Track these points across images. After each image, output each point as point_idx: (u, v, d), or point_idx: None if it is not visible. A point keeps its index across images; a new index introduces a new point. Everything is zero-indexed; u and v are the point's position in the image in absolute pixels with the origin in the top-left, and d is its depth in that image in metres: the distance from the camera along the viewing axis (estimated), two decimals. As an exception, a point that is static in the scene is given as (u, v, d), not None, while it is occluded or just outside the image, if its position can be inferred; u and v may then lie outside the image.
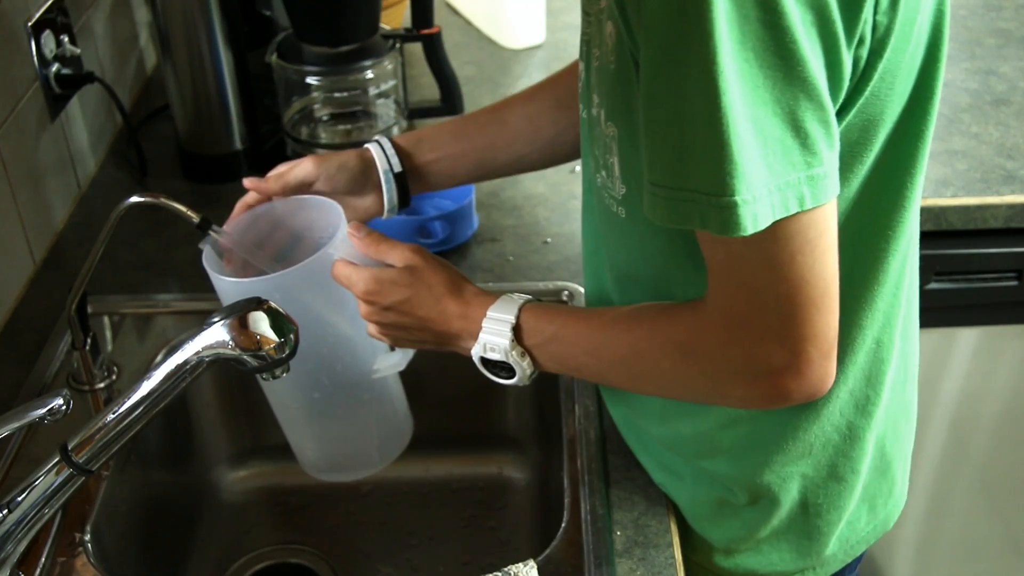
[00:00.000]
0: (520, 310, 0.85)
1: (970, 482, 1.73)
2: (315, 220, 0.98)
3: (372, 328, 0.92)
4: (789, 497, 0.91)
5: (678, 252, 0.80)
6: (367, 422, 1.04)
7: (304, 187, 0.99)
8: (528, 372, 0.86)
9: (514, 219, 1.36)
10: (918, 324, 0.95)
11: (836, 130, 0.66)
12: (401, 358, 0.98)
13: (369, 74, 1.39)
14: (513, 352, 0.84)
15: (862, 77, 0.68)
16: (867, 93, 0.70)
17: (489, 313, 0.86)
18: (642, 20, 0.64)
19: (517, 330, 0.85)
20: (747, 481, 0.91)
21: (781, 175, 0.64)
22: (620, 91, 0.74)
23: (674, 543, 0.93)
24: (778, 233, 0.66)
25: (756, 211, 0.64)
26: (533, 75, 1.72)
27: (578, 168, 1.46)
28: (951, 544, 1.83)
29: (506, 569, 0.89)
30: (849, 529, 0.96)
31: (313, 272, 0.90)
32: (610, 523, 0.95)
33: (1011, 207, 1.37)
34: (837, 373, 0.78)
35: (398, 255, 0.89)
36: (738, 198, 0.63)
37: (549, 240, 1.31)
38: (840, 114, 0.69)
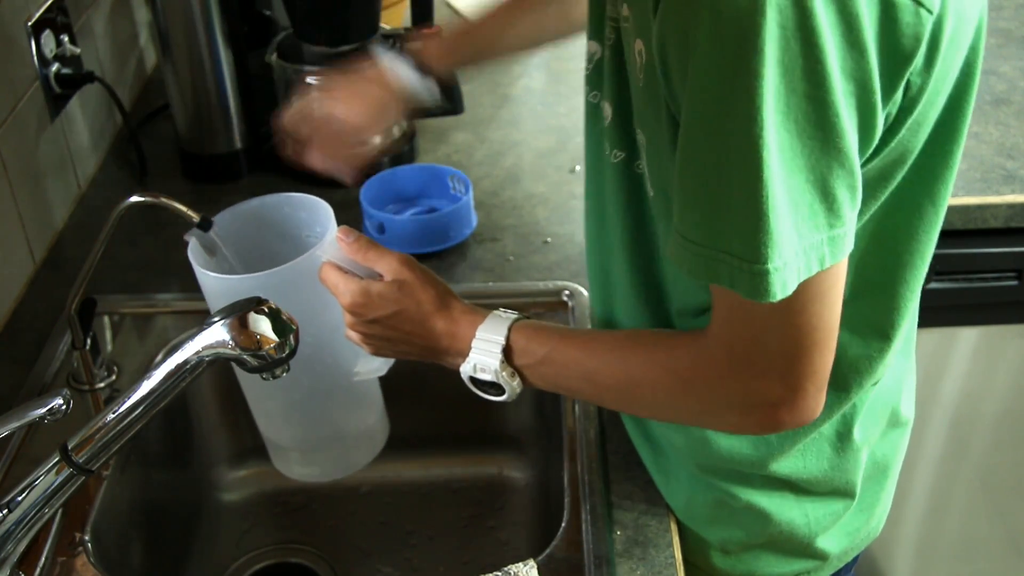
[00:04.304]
0: (510, 330, 0.85)
1: (970, 482, 1.73)
2: (303, 219, 0.98)
3: (353, 336, 0.91)
4: (785, 502, 0.92)
5: None
6: (344, 424, 1.04)
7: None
8: (517, 391, 0.86)
9: (514, 219, 1.36)
10: (915, 338, 0.96)
11: (860, 191, 0.67)
12: (382, 364, 0.98)
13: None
14: (503, 373, 0.84)
15: (890, 130, 0.69)
16: (893, 143, 0.70)
17: (479, 333, 0.85)
18: (688, 80, 0.63)
19: (507, 351, 0.84)
20: (743, 486, 0.91)
21: (807, 237, 0.65)
22: (648, 106, 0.74)
23: (674, 543, 0.93)
24: (796, 288, 0.67)
25: (786, 278, 0.64)
26: (533, 75, 1.73)
27: (578, 168, 1.46)
28: (951, 544, 1.83)
29: (506, 569, 0.89)
30: (845, 538, 0.97)
31: (300, 273, 0.89)
32: (610, 523, 0.95)
33: (1011, 207, 1.37)
34: (837, 394, 0.80)
35: (386, 265, 0.88)
36: (770, 266, 0.64)
37: (549, 240, 1.31)
38: (865, 163, 0.70)
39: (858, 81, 0.62)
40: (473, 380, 0.87)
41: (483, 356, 0.85)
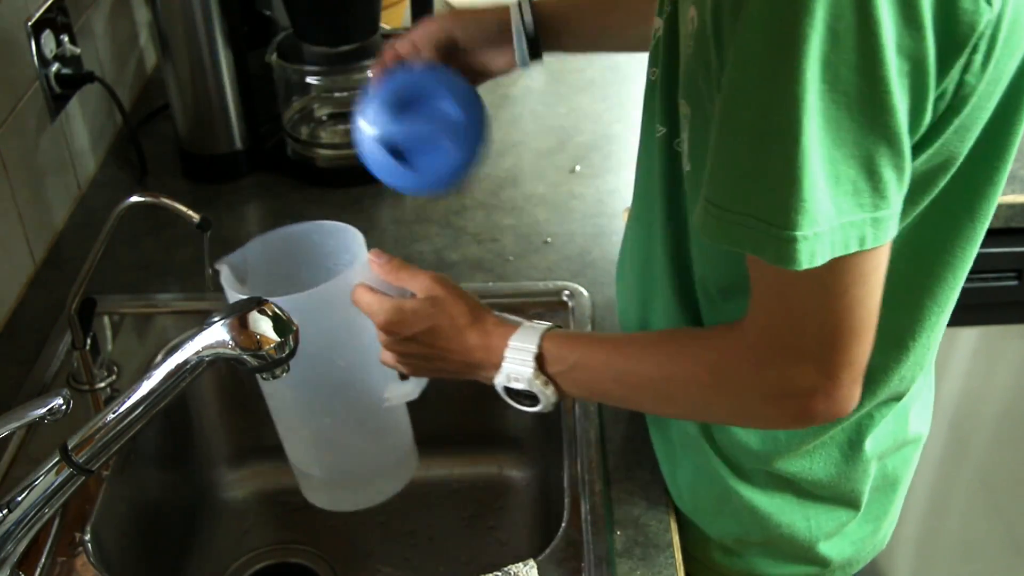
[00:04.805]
0: (542, 339, 0.85)
1: (970, 482, 1.73)
2: (332, 247, 0.97)
3: (388, 357, 0.91)
4: (789, 504, 0.91)
5: None
6: (373, 452, 1.03)
7: (443, 43, 1.00)
8: (552, 400, 0.86)
9: (514, 219, 1.36)
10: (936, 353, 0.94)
11: (908, 174, 0.66)
12: (413, 387, 0.97)
13: (369, 74, 1.39)
14: (536, 381, 0.84)
15: (935, 129, 0.67)
16: (937, 144, 0.69)
17: (511, 343, 0.85)
18: (736, 42, 0.63)
19: (540, 359, 0.84)
20: (746, 482, 0.91)
21: (847, 214, 0.64)
22: (693, 77, 0.73)
23: (674, 543, 0.93)
24: (836, 267, 0.66)
25: (814, 248, 0.63)
26: (533, 75, 1.73)
27: (578, 168, 1.46)
28: (951, 544, 1.83)
29: (506, 569, 0.89)
30: (850, 547, 0.96)
31: (332, 296, 0.89)
32: (610, 523, 0.95)
33: (1011, 207, 1.37)
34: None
35: (418, 283, 0.88)
36: (799, 233, 0.63)
37: (549, 240, 1.31)
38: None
39: (913, 60, 0.61)
40: (508, 391, 0.87)
41: (516, 365, 0.85)
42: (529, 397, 0.86)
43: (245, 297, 0.86)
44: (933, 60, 0.62)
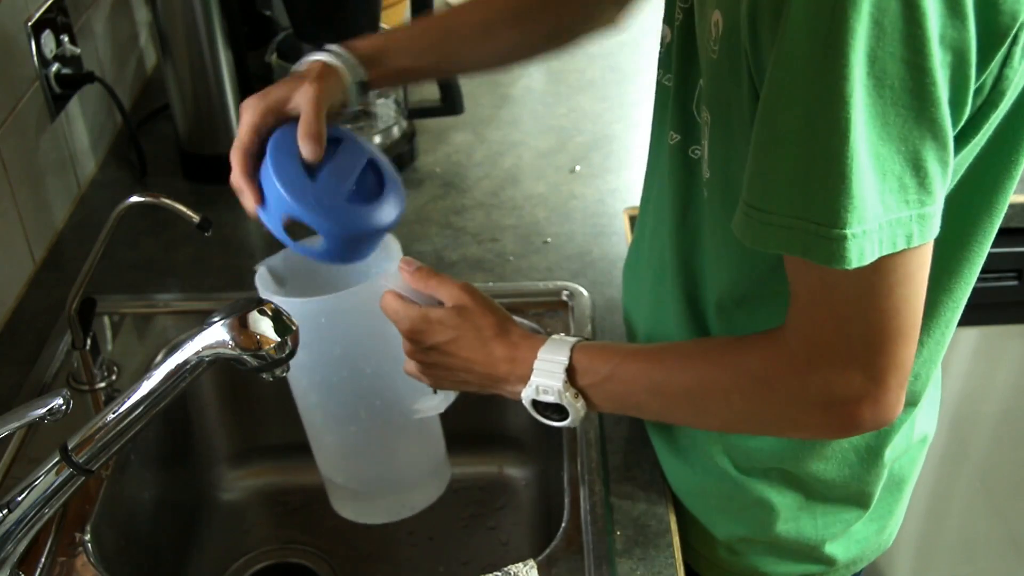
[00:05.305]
0: (572, 351, 0.84)
1: (970, 482, 1.74)
2: (374, 254, 0.95)
3: (412, 366, 0.90)
4: (797, 503, 0.91)
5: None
6: (403, 465, 1.02)
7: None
8: (581, 413, 0.85)
9: (514, 219, 1.36)
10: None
11: (952, 168, 0.65)
12: (442, 400, 0.96)
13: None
14: (567, 394, 0.83)
15: (971, 125, 0.67)
16: (975, 139, 0.68)
17: (540, 355, 0.84)
18: (778, 42, 0.62)
19: (570, 371, 0.83)
20: (758, 479, 0.91)
21: (894, 211, 0.63)
22: (718, 81, 0.72)
23: (674, 543, 0.93)
24: (882, 266, 0.65)
25: (863, 246, 0.63)
26: (533, 75, 1.73)
27: (578, 168, 1.46)
28: (951, 544, 1.83)
29: (506, 569, 0.89)
30: (856, 546, 0.96)
31: (362, 300, 0.88)
32: (610, 523, 0.95)
33: (1011, 207, 1.36)
34: None
35: (447, 292, 0.88)
36: (848, 231, 0.62)
37: (549, 240, 1.31)
38: None
39: (956, 52, 0.60)
40: (535, 404, 0.86)
41: (545, 378, 0.83)
42: (558, 411, 0.85)
43: (276, 297, 0.85)
44: (974, 51, 0.61)
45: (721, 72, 0.71)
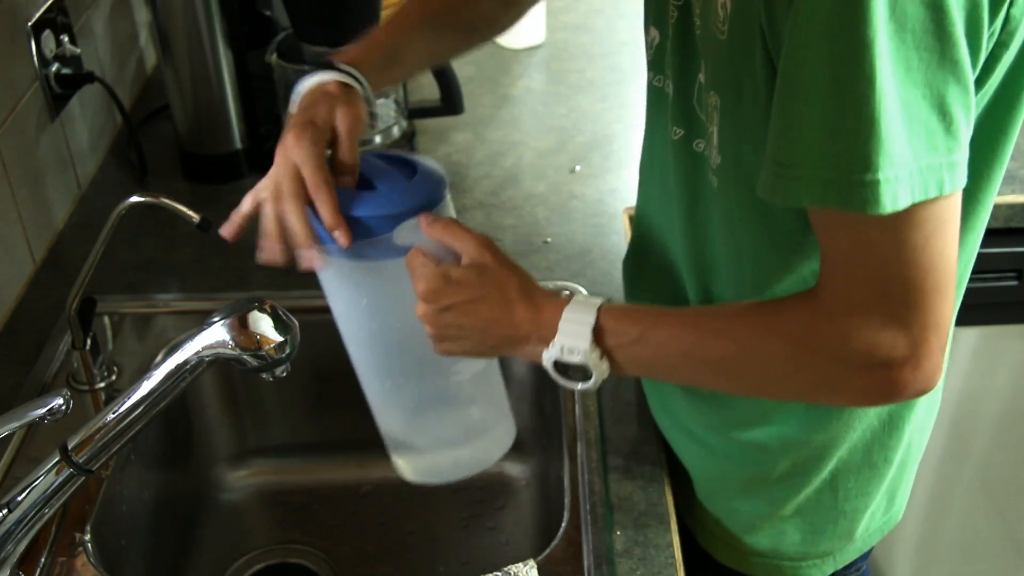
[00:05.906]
0: (599, 311, 0.81)
1: (970, 482, 1.73)
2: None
3: (427, 329, 0.85)
4: (820, 476, 0.91)
5: (770, 227, 0.78)
6: (447, 424, 0.99)
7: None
8: (604, 375, 0.82)
9: (514, 219, 1.36)
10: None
11: (974, 112, 0.65)
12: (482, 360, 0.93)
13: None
14: (593, 354, 0.80)
15: (986, 69, 0.67)
16: (988, 83, 0.68)
17: (565, 315, 0.81)
18: (797, 2, 0.63)
19: (597, 332, 0.81)
20: (782, 456, 0.90)
21: (924, 158, 0.63)
22: (728, 62, 0.72)
23: (674, 543, 0.93)
24: (914, 217, 0.64)
25: (896, 191, 0.62)
26: (533, 75, 1.73)
27: (578, 168, 1.46)
28: (951, 544, 1.83)
29: (506, 569, 0.89)
30: (870, 518, 0.97)
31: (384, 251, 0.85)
32: (610, 523, 0.95)
33: (1011, 207, 1.37)
34: None
35: (463, 244, 0.84)
36: (881, 176, 0.62)
37: (549, 240, 1.31)
38: None
39: None
40: (558, 365, 0.83)
41: (571, 338, 0.81)
42: (581, 372, 0.82)
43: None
44: None
45: (731, 52, 0.71)
